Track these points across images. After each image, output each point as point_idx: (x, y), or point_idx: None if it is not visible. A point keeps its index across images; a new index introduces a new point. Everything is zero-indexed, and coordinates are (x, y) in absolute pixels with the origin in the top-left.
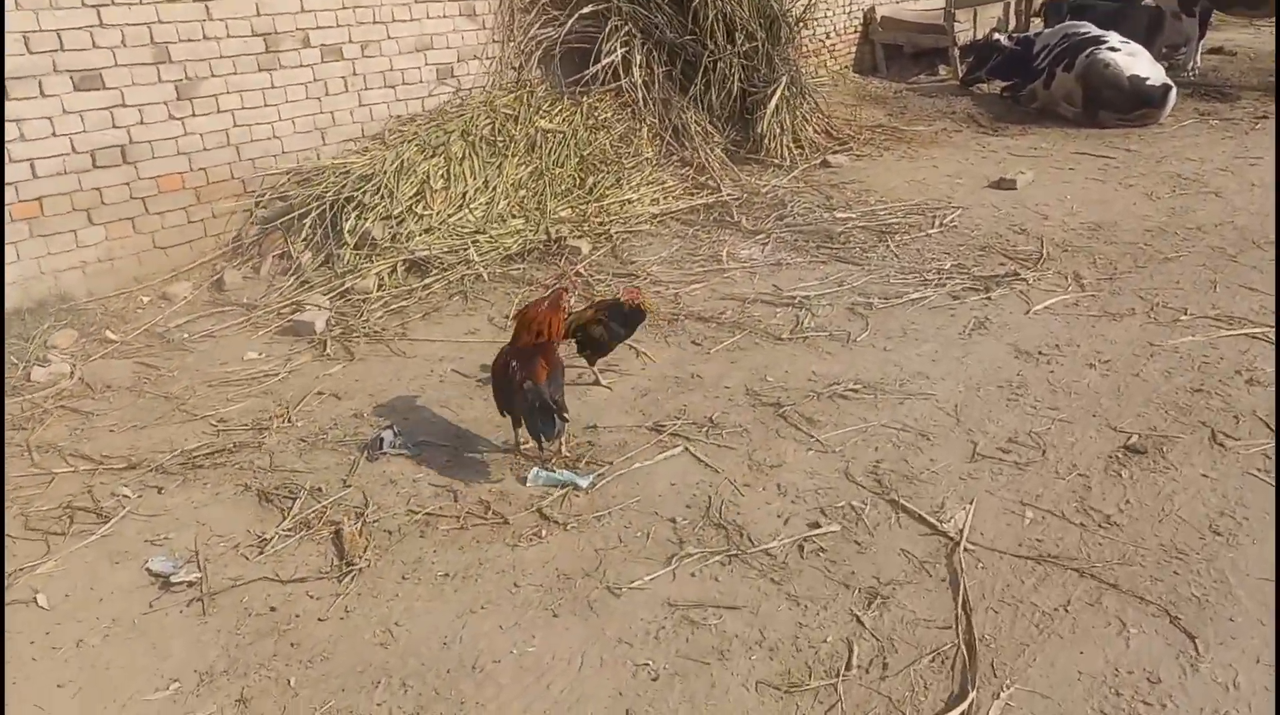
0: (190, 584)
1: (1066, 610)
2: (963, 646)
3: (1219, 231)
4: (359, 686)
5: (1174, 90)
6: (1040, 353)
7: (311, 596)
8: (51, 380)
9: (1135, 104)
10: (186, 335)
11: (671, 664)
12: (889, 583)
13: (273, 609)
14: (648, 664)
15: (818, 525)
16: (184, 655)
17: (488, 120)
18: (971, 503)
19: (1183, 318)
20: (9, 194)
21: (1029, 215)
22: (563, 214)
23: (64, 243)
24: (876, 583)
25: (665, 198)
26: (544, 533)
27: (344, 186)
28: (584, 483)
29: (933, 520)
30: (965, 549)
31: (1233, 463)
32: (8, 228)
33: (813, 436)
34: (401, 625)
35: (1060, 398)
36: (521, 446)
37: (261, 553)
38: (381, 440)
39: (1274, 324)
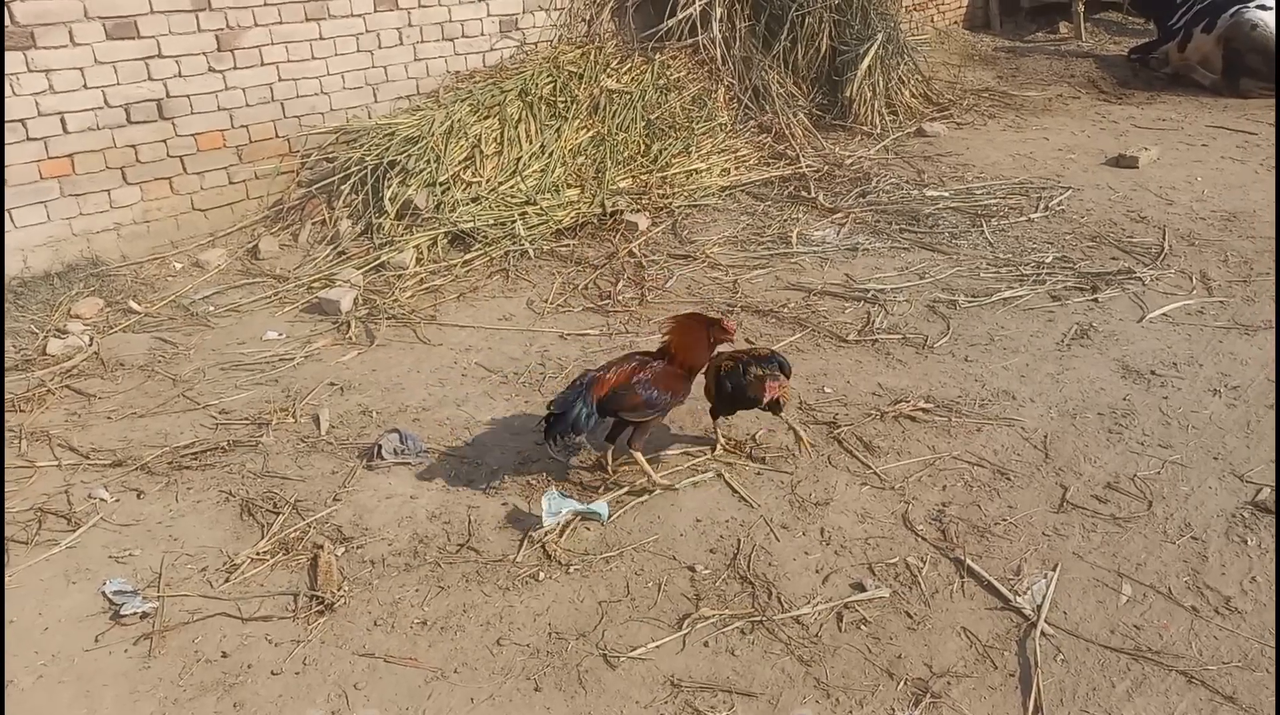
0: (143, 616)
1: None
2: None
3: None
4: None
5: None
6: (1153, 373)
7: (270, 641)
8: (67, 354)
9: None
10: (211, 308)
11: None
12: (943, 674)
13: (224, 655)
14: None
15: (863, 587)
16: (114, 711)
17: (549, 79)
18: (1055, 569)
19: None
20: (37, 149)
21: (1150, 200)
22: (622, 184)
23: (97, 203)
24: (928, 673)
25: (737, 168)
26: (542, 575)
27: (388, 149)
28: (603, 512)
29: (1005, 590)
30: (1043, 633)
31: None
32: (36, 186)
33: (869, 467)
34: (360, 689)
35: (1175, 433)
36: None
37: (228, 580)
38: (381, 447)
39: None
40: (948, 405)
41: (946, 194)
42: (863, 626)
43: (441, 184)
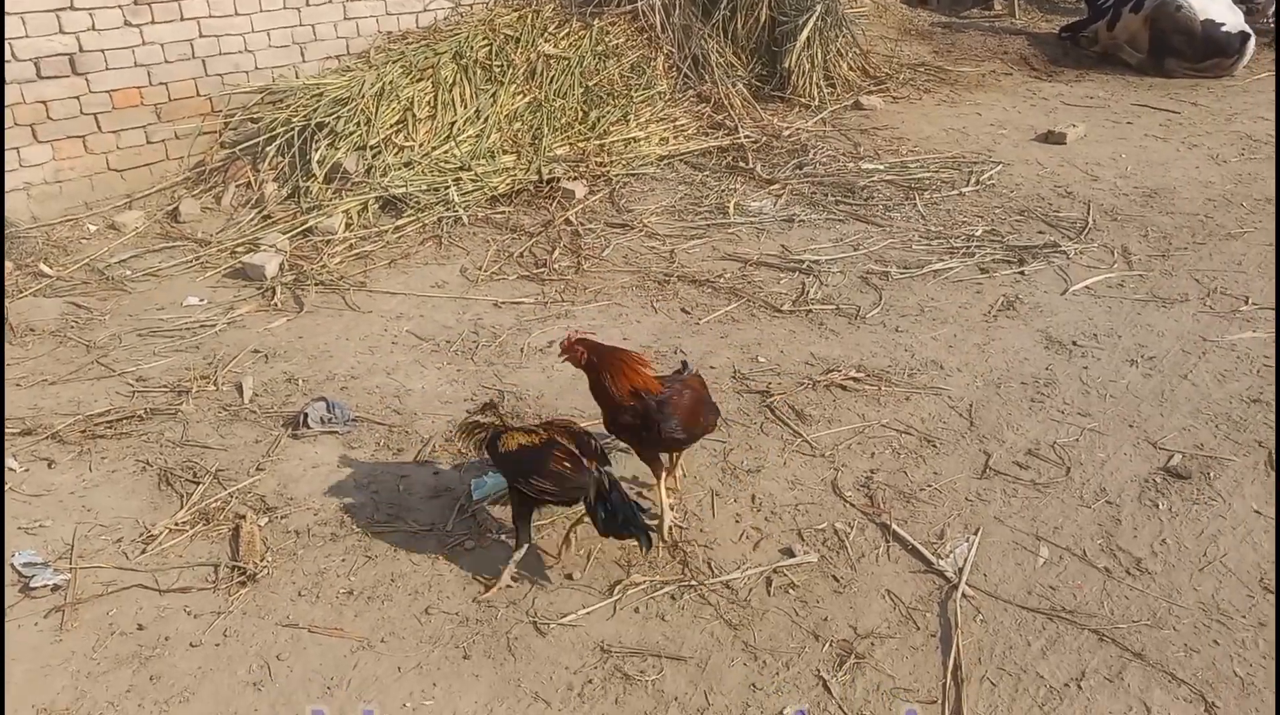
0: (54, 588)
1: (1079, 686)
2: None
3: None
4: None
5: (1253, 39)
6: (1075, 343)
7: (189, 613)
8: None
9: (1207, 52)
10: (129, 272)
11: None
12: (867, 635)
13: (141, 627)
14: None
15: (792, 552)
16: (24, 686)
17: (485, 42)
18: (977, 533)
19: (1243, 308)
20: None
21: (1077, 175)
22: (559, 152)
23: (5, 162)
24: (853, 635)
25: (676, 137)
26: (471, 543)
27: (315, 110)
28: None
29: (929, 554)
30: (964, 595)
31: None
32: None
33: (800, 435)
34: (284, 660)
35: (1093, 401)
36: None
37: (145, 551)
38: (307, 415)
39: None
40: (878, 374)
41: (881, 167)
42: (791, 591)
43: (372, 147)
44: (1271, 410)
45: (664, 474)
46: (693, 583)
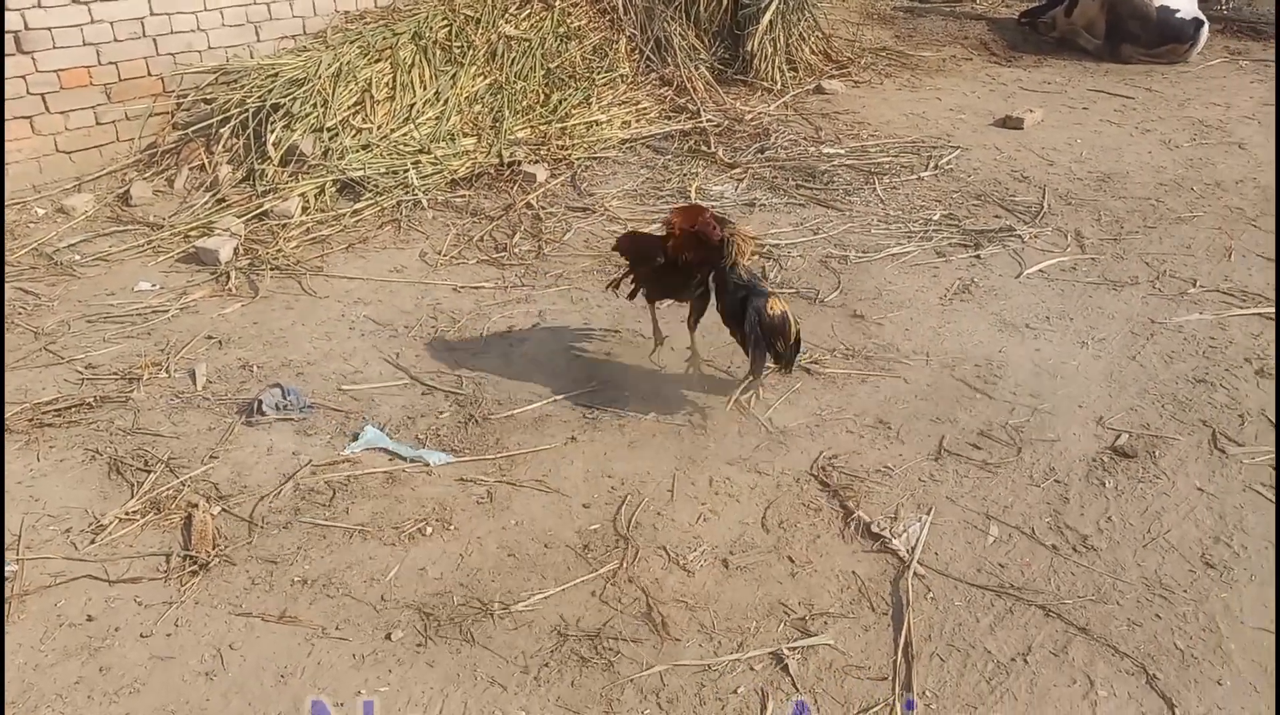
0: (1, 580)
1: (1025, 661)
2: (898, 707)
3: (1239, 189)
4: None
5: (1206, 26)
6: (1027, 326)
7: (139, 603)
8: None
9: (1162, 38)
10: (78, 257)
11: None
12: (821, 614)
13: (90, 618)
14: None
15: (747, 534)
16: None
17: (445, 22)
18: (929, 513)
19: (1191, 290)
20: None
21: (1033, 160)
22: (520, 134)
23: None
24: (807, 614)
25: (638, 120)
26: (429, 530)
27: (271, 91)
28: (434, 460)
29: (883, 534)
30: (916, 574)
31: (1234, 475)
32: None
33: (758, 418)
34: (236, 649)
35: (1044, 383)
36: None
37: (94, 541)
38: (261, 402)
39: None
40: (835, 357)
41: (842, 151)
42: (747, 572)
43: (329, 130)
44: (1215, 390)
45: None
46: (650, 566)
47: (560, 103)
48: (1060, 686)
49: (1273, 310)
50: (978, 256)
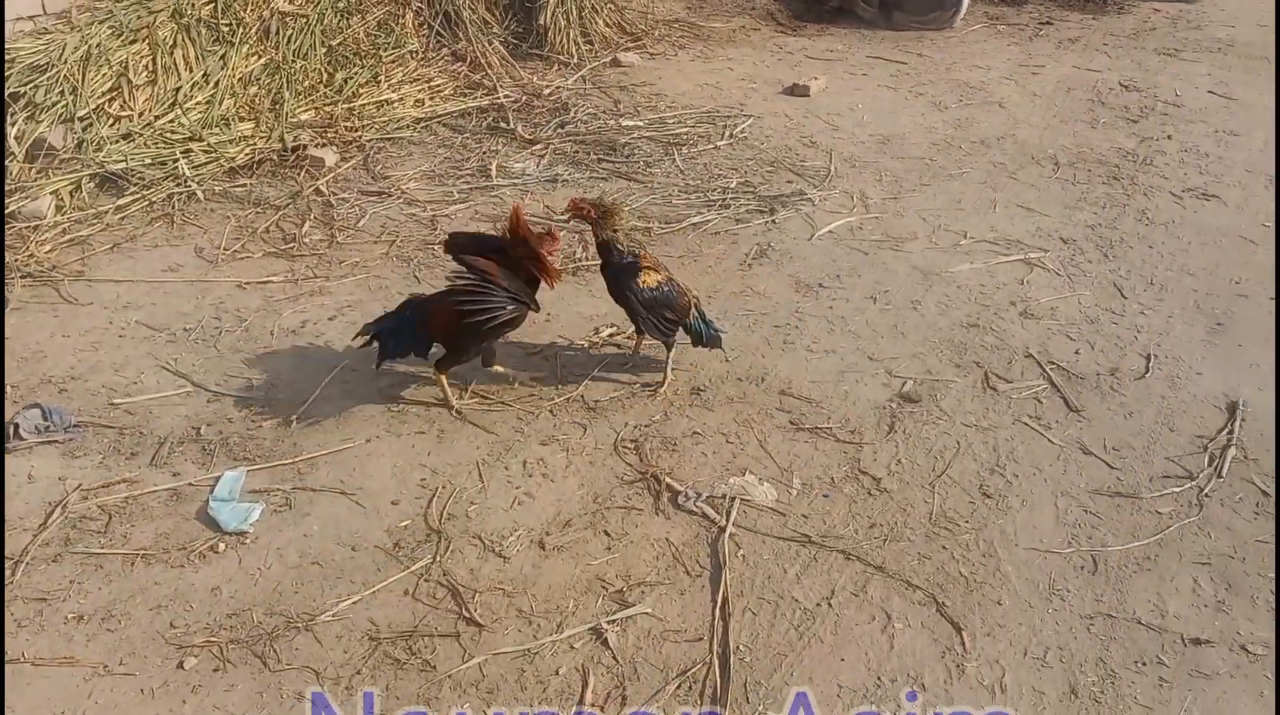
0: None
1: (830, 605)
2: (715, 664)
3: (1000, 145)
4: None
5: None
6: (821, 285)
7: None
8: None
9: (929, 5)
10: None
11: None
12: (639, 584)
13: None
14: None
15: (563, 514)
16: None
17: None
18: (742, 475)
19: (962, 242)
20: None
21: (820, 126)
22: (304, 117)
23: None
24: (625, 586)
25: (432, 98)
26: (222, 546)
27: (9, 79)
28: (232, 525)
29: (702, 504)
30: (730, 535)
31: (1004, 410)
32: None
33: (569, 398)
34: (5, 701)
35: (838, 338)
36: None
37: None
38: (18, 426)
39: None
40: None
41: (641, 124)
42: (564, 551)
43: (82, 119)
44: (985, 333)
45: None
46: (464, 559)
47: (346, 82)
48: (861, 625)
49: (1034, 255)
50: (773, 221)
